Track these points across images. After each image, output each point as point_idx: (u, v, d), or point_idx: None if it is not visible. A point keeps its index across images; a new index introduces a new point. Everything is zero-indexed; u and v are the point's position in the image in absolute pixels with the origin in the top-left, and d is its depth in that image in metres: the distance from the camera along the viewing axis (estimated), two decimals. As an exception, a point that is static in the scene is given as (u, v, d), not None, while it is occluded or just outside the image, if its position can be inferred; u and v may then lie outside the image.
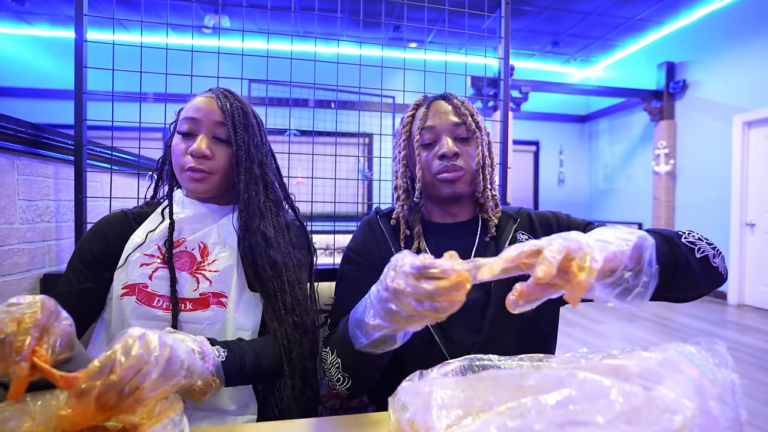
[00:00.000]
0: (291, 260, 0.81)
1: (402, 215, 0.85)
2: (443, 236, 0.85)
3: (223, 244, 0.80)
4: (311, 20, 4.79)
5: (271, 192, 0.84)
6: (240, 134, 0.79)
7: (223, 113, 0.78)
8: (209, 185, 0.78)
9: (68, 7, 4.61)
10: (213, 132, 0.78)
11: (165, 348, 0.47)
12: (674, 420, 0.32)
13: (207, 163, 0.76)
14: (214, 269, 0.77)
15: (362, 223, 0.90)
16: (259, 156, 0.82)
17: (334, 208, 1.48)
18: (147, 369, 0.44)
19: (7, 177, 1.00)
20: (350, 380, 0.67)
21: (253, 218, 0.78)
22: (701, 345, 0.40)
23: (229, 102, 0.80)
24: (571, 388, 0.35)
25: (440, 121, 0.81)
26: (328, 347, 0.71)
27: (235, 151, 0.78)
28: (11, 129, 0.99)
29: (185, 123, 0.78)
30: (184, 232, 0.80)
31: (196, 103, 0.79)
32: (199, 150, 0.76)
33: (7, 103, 5.28)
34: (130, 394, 0.43)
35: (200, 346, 0.60)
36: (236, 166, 0.79)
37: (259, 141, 0.83)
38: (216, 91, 0.82)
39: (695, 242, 0.63)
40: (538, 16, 4.91)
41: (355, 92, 1.59)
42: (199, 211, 0.81)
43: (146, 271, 0.74)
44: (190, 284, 0.75)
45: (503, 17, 1.41)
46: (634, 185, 5.80)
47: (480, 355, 0.50)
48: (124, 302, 0.73)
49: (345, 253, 0.87)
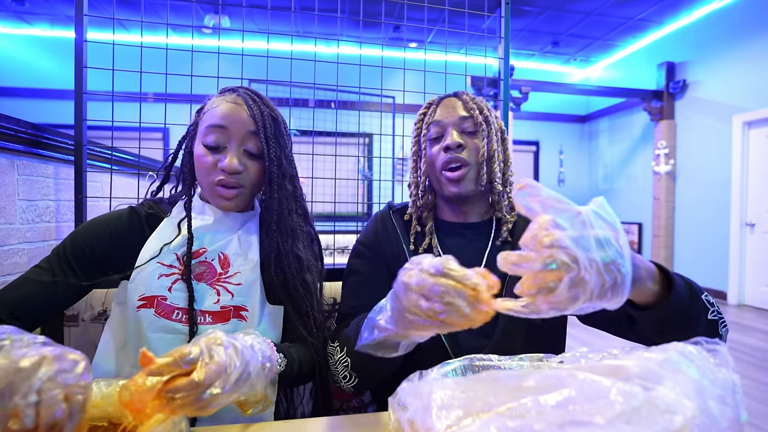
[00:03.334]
0: (317, 274, 0.80)
1: (415, 212, 0.85)
2: (455, 235, 0.83)
3: (244, 256, 0.75)
4: (311, 20, 4.79)
5: (300, 207, 0.81)
6: (273, 147, 0.73)
7: (255, 123, 0.72)
8: (240, 201, 0.74)
9: (68, 7, 4.61)
10: (244, 144, 0.73)
11: (243, 363, 0.48)
12: (674, 420, 0.32)
13: (240, 176, 0.72)
14: (236, 282, 0.73)
15: (374, 217, 0.89)
16: (290, 169, 0.78)
17: (334, 208, 1.48)
18: (225, 380, 0.44)
19: (7, 177, 1.00)
20: (357, 379, 0.67)
21: (286, 238, 0.75)
22: (701, 345, 0.40)
23: (260, 109, 0.74)
24: (571, 388, 0.35)
25: (447, 115, 0.81)
26: (336, 343, 0.71)
27: (267, 166, 0.73)
28: (11, 129, 0.99)
29: (212, 133, 0.71)
30: (204, 242, 0.74)
31: (224, 109, 0.72)
32: (232, 167, 0.70)
33: (7, 103, 5.28)
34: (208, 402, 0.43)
35: (269, 358, 0.58)
36: (268, 183, 0.74)
37: (290, 152, 0.79)
38: (243, 95, 0.75)
39: (713, 303, 0.61)
40: (538, 16, 4.91)
41: (355, 92, 1.59)
42: (219, 219, 0.76)
43: (165, 284, 0.70)
44: (211, 296, 0.71)
45: (503, 17, 1.41)
46: (634, 185, 5.80)
47: (480, 355, 0.50)
48: (141, 314, 0.68)
49: (355, 247, 0.87)
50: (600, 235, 0.40)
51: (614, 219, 0.43)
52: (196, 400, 0.42)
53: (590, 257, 0.38)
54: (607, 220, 0.42)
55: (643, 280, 0.50)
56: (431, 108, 0.85)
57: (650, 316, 0.54)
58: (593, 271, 0.38)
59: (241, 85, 0.81)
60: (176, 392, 0.41)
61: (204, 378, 0.42)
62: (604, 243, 0.40)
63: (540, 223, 0.40)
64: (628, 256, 0.42)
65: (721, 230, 4.46)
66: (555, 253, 0.38)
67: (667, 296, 0.53)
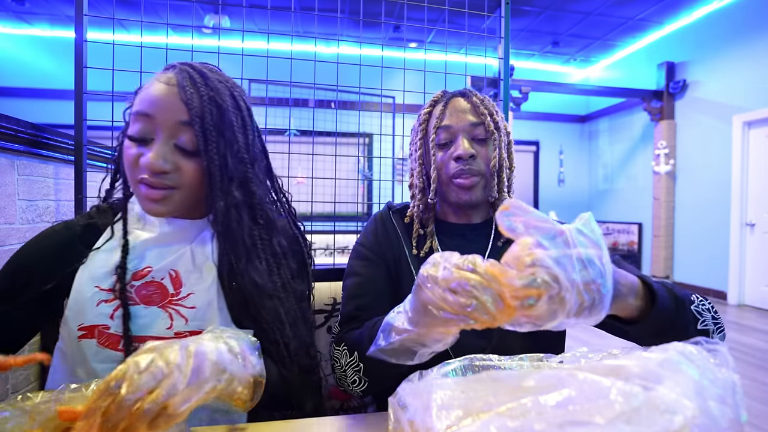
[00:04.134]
0: (292, 297, 0.68)
1: (416, 214, 0.83)
2: (456, 237, 0.83)
3: (199, 273, 0.63)
4: (311, 20, 4.79)
5: (261, 214, 0.67)
6: (212, 142, 0.59)
7: (188, 111, 0.59)
8: (172, 205, 0.60)
9: (68, 7, 4.61)
10: (174, 137, 0.59)
11: (189, 356, 0.43)
12: (674, 420, 0.32)
13: (168, 177, 0.59)
14: (189, 305, 0.62)
15: (373, 217, 0.88)
16: (240, 170, 0.63)
17: (334, 208, 1.48)
18: (171, 382, 0.40)
19: (7, 177, 1.00)
20: (367, 383, 0.66)
21: (239, 257, 0.63)
22: (702, 345, 0.40)
23: (198, 92, 0.59)
24: (571, 388, 0.35)
25: (457, 121, 0.77)
26: (343, 346, 0.69)
27: (206, 166, 0.60)
28: (11, 129, 0.99)
29: (137, 122, 0.59)
30: (149, 259, 0.63)
31: (152, 93, 0.59)
32: (153, 165, 0.57)
33: (7, 103, 5.28)
34: (159, 413, 0.39)
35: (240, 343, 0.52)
36: (209, 187, 0.61)
37: (242, 146, 0.63)
38: (180, 72, 0.61)
39: (702, 313, 0.60)
40: (538, 16, 4.91)
41: (355, 92, 1.59)
42: (166, 230, 0.64)
43: (106, 311, 0.60)
44: (162, 321, 0.61)
45: (503, 17, 1.41)
46: (634, 185, 5.80)
47: (480, 355, 0.50)
48: (83, 344, 0.59)
49: (355, 248, 0.85)
50: (582, 254, 0.40)
51: (598, 237, 0.43)
52: (145, 413, 0.38)
53: (570, 277, 0.39)
54: (591, 238, 0.42)
55: (624, 297, 0.50)
56: (437, 108, 0.80)
57: (635, 329, 0.54)
58: (573, 290, 0.39)
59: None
60: (110, 419, 0.38)
61: (133, 390, 0.38)
62: (586, 262, 0.40)
63: (521, 244, 0.41)
64: (610, 275, 0.42)
65: (721, 230, 4.46)
66: (536, 272, 0.39)
67: (650, 310, 0.53)
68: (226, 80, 0.66)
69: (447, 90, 0.84)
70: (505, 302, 0.41)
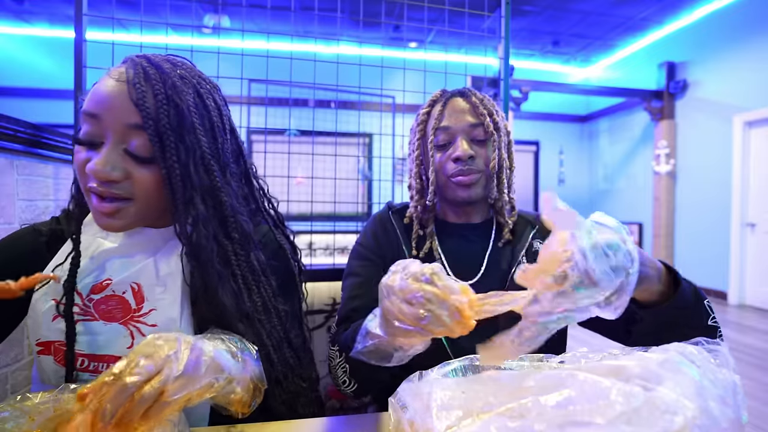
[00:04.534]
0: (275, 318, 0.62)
1: (416, 215, 0.83)
2: (457, 237, 0.82)
3: (163, 286, 0.57)
4: (311, 20, 4.78)
5: (234, 227, 0.59)
6: (170, 149, 0.52)
7: (140, 111, 0.51)
8: (125, 220, 0.54)
9: (67, 6, 4.60)
10: (125, 141, 0.52)
11: (187, 346, 0.42)
12: (675, 421, 0.31)
13: (118, 186, 0.52)
14: (150, 322, 0.56)
15: (373, 218, 0.87)
16: (206, 179, 0.56)
17: (335, 208, 1.48)
18: (168, 369, 0.39)
19: (6, 177, 1.00)
20: (356, 384, 0.66)
21: (209, 277, 0.56)
22: (703, 345, 0.40)
23: (152, 90, 0.52)
24: (571, 388, 0.35)
25: (456, 122, 0.76)
26: (336, 347, 0.69)
27: (165, 176, 0.53)
28: (10, 129, 0.99)
29: (85, 122, 0.53)
30: (109, 270, 0.57)
31: (100, 90, 0.53)
32: (99, 172, 0.51)
33: (6, 103, 5.29)
34: (154, 400, 0.39)
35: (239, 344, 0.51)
36: (171, 199, 0.54)
37: (207, 152, 0.56)
38: (133, 66, 0.54)
39: (713, 309, 0.59)
40: (539, 15, 4.91)
41: (355, 92, 1.58)
42: (129, 240, 0.59)
43: (61, 326, 0.55)
44: (124, 339, 0.55)
45: (503, 17, 1.41)
46: (635, 185, 5.80)
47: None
48: (41, 360, 0.55)
49: (354, 248, 0.85)
50: (610, 239, 0.40)
51: (618, 226, 0.43)
52: (142, 401, 0.38)
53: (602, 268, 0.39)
54: (612, 227, 0.43)
55: (650, 279, 0.50)
56: (435, 108, 0.79)
57: (653, 314, 0.54)
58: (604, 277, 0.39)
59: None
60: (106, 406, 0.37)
61: (135, 375, 0.38)
62: (614, 248, 0.40)
63: (560, 239, 0.41)
64: (637, 258, 0.42)
65: (721, 230, 4.45)
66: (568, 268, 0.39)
67: (671, 296, 0.53)
68: (192, 75, 0.58)
69: (446, 89, 0.83)
70: (462, 314, 0.41)
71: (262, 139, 1.45)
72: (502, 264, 0.78)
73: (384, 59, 1.48)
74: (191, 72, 0.59)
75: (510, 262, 0.78)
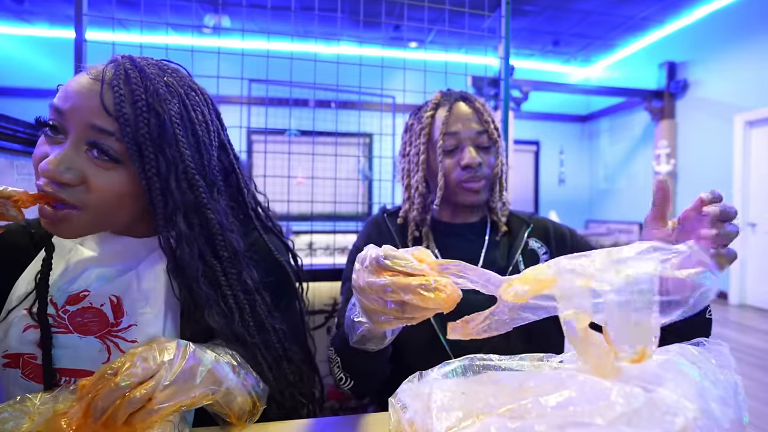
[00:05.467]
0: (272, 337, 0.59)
1: (413, 217, 0.84)
2: (453, 236, 0.85)
3: (145, 300, 0.53)
4: (311, 20, 4.78)
5: (223, 245, 0.55)
6: (149, 157, 0.48)
7: (113, 116, 0.47)
8: (69, 230, 0.49)
9: (67, 6, 4.61)
10: (87, 143, 0.48)
11: (183, 355, 0.42)
12: (675, 422, 0.31)
13: (70, 191, 0.47)
14: (130, 338, 0.52)
15: (369, 221, 0.90)
16: (189, 195, 0.52)
17: (335, 208, 1.48)
18: (159, 376, 0.39)
19: (5, 177, 1.00)
20: (352, 380, 0.67)
21: (198, 298, 0.53)
22: (704, 346, 0.40)
23: (131, 94, 0.48)
24: (572, 389, 0.35)
25: (463, 128, 0.79)
26: (332, 346, 0.70)
27: (145, 186, 0.49)
28: (9, 129, 0.99)
29: (50, 113, 0.50)
30: (87, 281, 0.54)
31: (72, 85, 0.50)
32: (50, 172, 0.46)
33: (6, 103, 5.29)
34: (141, 406, 0.38)
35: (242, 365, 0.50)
36: (152, 210, 0.51)
37: (191, 167, 0.52)
38: (114, 68, 0.50)
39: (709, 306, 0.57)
40: (539, 15, 4.91)
41: (355, 92, 1.58)
42: (109, 249, 0.55)
43: (33, 337, 0.51)
44: (99, 353, 0.52)
45: (503, 17, 1.41)
46: (635, 185, 5.80)
47: (480, 355, 0.50)
48: (8, 373, 0.52)
49: (351, 252, 0.87)
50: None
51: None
52: (128, 404, 0.37)
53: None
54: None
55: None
56: (440, 112, 0.80)
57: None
58: None
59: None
60: (98, 403, 0.37)
61: (127, 377, 0.38)
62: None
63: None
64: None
65: (721, 230, 4.45)
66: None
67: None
68: (181, 84, 0.54)
69: (445, 90, 0.85)
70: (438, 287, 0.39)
71: (262, 139, 1.45)
72: (499, 261, 0.80)
73: (384, 59, 1.48)
74: (181, 81, 0.55)
75: (507, 259, 0.81)
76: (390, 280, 0.40)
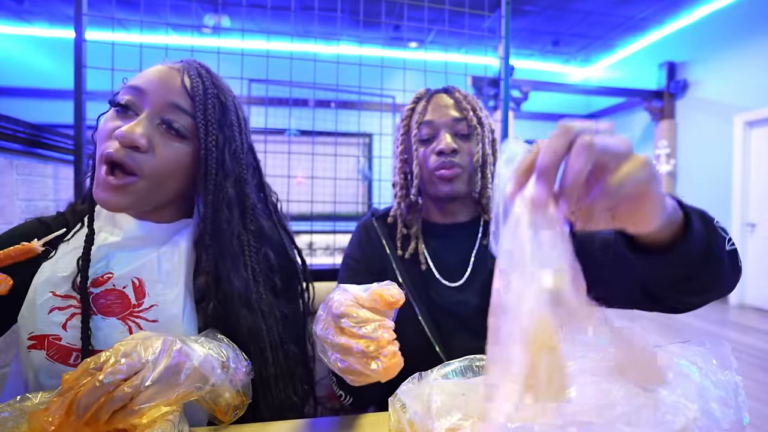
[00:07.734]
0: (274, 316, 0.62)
1: (399, 213, 0.82)
2: (442, 237, 0.82)
3: (165, 282, 0.56)
4: (311, 20, 4.78)
5: (252, 219, 0.62)
6: (212, 134, 0.57)
7: (187, 95, 0.56)
8: (129, 198, 0.53)
9: (67, 6, 4.61)
10: (163, 114, 0.55)
11: (168, 353, 0.42)
12: (676, 422, 0.31)
13: (138, 158, 0.52)
14: (151, 318, 0.55)
15: (359, 225, 0.88)
16: (237, 169, 0.61)
17: (335, 208, 1.48)
18: (142, 375, 0.39)
19: (6, 177, 1.00)
20: (350, 397, 0.66)
21: (224, 258, 0.58)
22: (705, 346, 0.40)
23: (203, 84, 0.58)
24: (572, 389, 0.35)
25: (439, 116, 0.77)
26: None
27: (203, 156, 0.56)
28: (10, 129, 0.99)
29: (126, 93, 0.55)
30: (111, 264, 0.56)
31: (150, 72, 0.57)
32: (127, 136, 0.51)
33: (6, 103, 5.29)
34: (123, 405, 0.38)
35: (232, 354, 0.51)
36: (203, 179, 0.57)
37: (239, 147, 0.61)
38: (187, 65, 0.59)
39: (726, 231, 0.50)
40: (539, 15, 4.91)
41: (355, 92, 1.58)
42: (133, 234, 0.58)
43: (59, 319, 0.53)
44: (121, 334, 0.54)
45: (503, 17, 1.41)
46: (635, 185, 5.80)
47: (480, 356, 0.50)
48: (32, 356, 0.53)
49: (343, 259, 0.86)
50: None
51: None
52: (111, 403, 0.38)
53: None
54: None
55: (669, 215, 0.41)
56: (420, 104, 0.80)
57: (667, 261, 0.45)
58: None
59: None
60: (81, 400, 0.37)
61: (112, 374, 0.38)
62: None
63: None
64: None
65: (721, 230, 4.45)
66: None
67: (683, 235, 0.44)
68: (230, 88, 0.65)
69: (430, 88, 0.84)
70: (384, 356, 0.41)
71: (262, 139, 1.45)
72: (489, 264, 0.78)
73: (384, 59, 1.48)
74: (225, 87, 0.65)
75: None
76: (336, 342, 0.43)
